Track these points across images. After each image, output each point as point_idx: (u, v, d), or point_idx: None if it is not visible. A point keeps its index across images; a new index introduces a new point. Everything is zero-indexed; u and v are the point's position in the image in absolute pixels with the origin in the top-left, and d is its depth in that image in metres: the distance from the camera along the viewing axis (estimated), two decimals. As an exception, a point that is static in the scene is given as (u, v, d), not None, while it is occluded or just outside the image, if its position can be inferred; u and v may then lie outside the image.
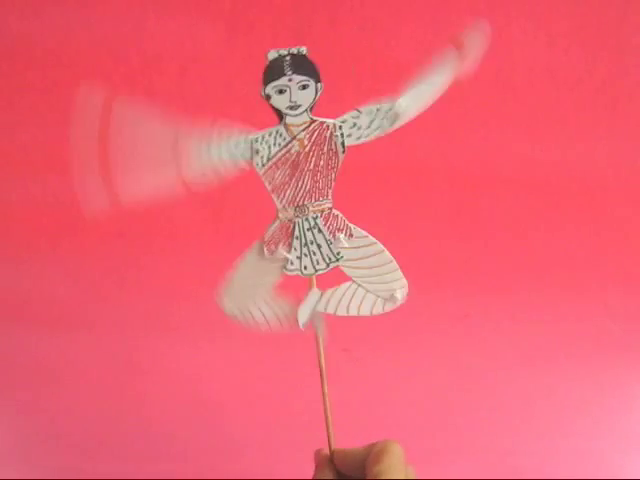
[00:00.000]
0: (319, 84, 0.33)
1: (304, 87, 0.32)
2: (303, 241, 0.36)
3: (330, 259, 0.36)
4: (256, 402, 0.73)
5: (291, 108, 0.33)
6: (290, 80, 0.32)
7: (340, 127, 0.34)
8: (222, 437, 0.73)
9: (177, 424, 0.74)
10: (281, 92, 0.32)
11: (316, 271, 0.36)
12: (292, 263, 0.36)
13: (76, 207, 0.70)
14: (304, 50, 0.32)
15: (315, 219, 0.36)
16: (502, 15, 0.61)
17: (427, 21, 0.62)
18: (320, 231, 0.36)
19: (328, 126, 0.34)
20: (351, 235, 0.36)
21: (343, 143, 0.34)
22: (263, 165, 0.34)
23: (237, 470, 0.72)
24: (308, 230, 0.36)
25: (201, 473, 0.73)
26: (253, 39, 0.61)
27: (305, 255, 0.36)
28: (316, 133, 0.34)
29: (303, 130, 0.34)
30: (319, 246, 0.36)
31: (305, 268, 0.36)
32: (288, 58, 0.32)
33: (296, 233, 0.36)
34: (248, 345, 0.73)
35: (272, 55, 0.32)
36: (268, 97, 0.32)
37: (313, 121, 0.34)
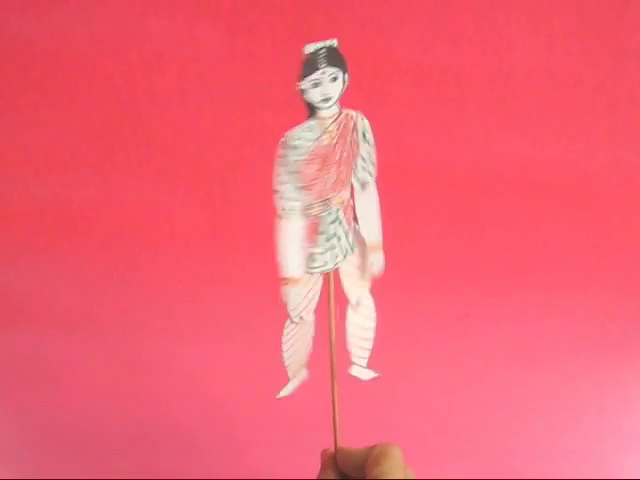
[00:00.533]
0: (346, 74, 0.33)
1: (334, 79, 0.33)
2: (326, 236, 0.36)
3: (347, 251, 0.37)
4: (259, 401, 0.73)
5: (323, 101, 0.33)
6: (323, 73, 0.32)
7: (363, 118, 0.34)
8: (225, 436, 0.73)
9: (178, 424, 0.74)
10: (316, 85, 0.33)
11: (335, 265, 0.37)
12: (315, 260, 0.36)
13: (76, 207, 0.70)
14: (336, 42, 0.32)
15: (337, 211, 0.36)
16: (502, 15, 0.61)
17: (427, 21, 0.61)
18: (340, 223, 0.36)
19: (352, 116, 0.34)
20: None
21: (364, 133, 0.34)
22: (297, 162, 0.34)
23: (241, 469, 0.72)
24: (331, 223, 0.36)
25: (204, 472, 0.73)
26: (253, 39, 0.61)
27: (328, 249, 0.37)
28: (342, 124, 0.34)
29: (333, 122, 0.34)
30: (339, 239, 0.37)
31: (326, 263, 0.37)
32: (323, 51, 0.32)
33: (321, 229, 0.36)
34: (250, 344, 0.73)
35: (309, 49, 0.32)
36: (303, 92, 0.33)
37: (341, 112, 0.34)
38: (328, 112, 0.34)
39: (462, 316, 0.73)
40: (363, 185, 0.36)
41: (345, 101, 0.35)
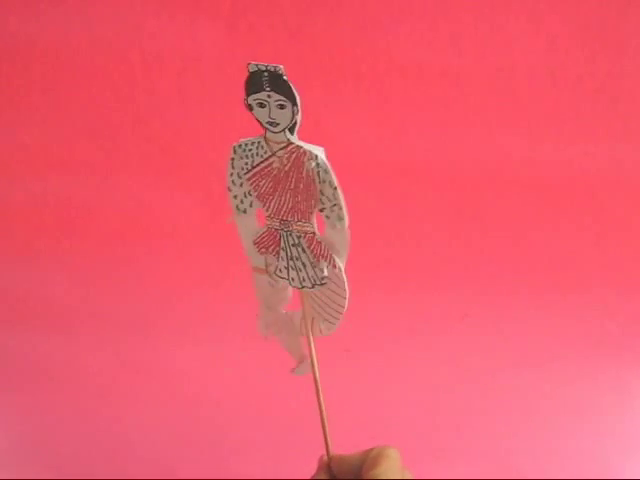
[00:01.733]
0: (295, 107, 0.32)
1: (281, 107, 0.32)
2: (289, 254, 0.36)
3: (315, 281, 0.36)
4: (255, 402, 0.73)
5: (270, 124, 0.32)
6: (269, 96, 0.32)
7: (316, 157, 0.32)
8: (220, 437, 0.73)
9: (176, 424, 0.74)
10: (261, 106, 0.32)
11: (302, 287, 0.36)
12: (280, 270, 0.36)
13: (76, 207, 0.70)
14: (281, 69, 0.31)
15: (299, 238, 0.35)
16: (502, 15, 0.61)
17: (427, 21, 0.62)
18: (304, 251, 0.35)
19: (305, 152, 0.32)
20: (334, 267, 0.35)
21: (319, 173, 0.32)
22: (247, 171, 0.34)
23: (235, 471, 0.72)
24: (293, 246, 0.35)
25: (198, 473, 0.73)
26: (253, 39, 0.62)
27: (292, 268, 0.36)
28: (294, 155, 0.33)
29: (282, 149, 0.33)
30: (304, 265, 0.36)
31: (292, 280, 0.36)
32: (266, 74, 0.31)
33: (282, 244, 0.36)
34: (250, 344, 0.73)
35: (252, 68, 0.31)
36: (250, 107, 0.32)
37: (290, 143, 0.33)
38: (276, 137, 0.33)
39: (462, 316, 0.73)
40: (333, 225, 0.35)
41: (345, 101, 0.35)
